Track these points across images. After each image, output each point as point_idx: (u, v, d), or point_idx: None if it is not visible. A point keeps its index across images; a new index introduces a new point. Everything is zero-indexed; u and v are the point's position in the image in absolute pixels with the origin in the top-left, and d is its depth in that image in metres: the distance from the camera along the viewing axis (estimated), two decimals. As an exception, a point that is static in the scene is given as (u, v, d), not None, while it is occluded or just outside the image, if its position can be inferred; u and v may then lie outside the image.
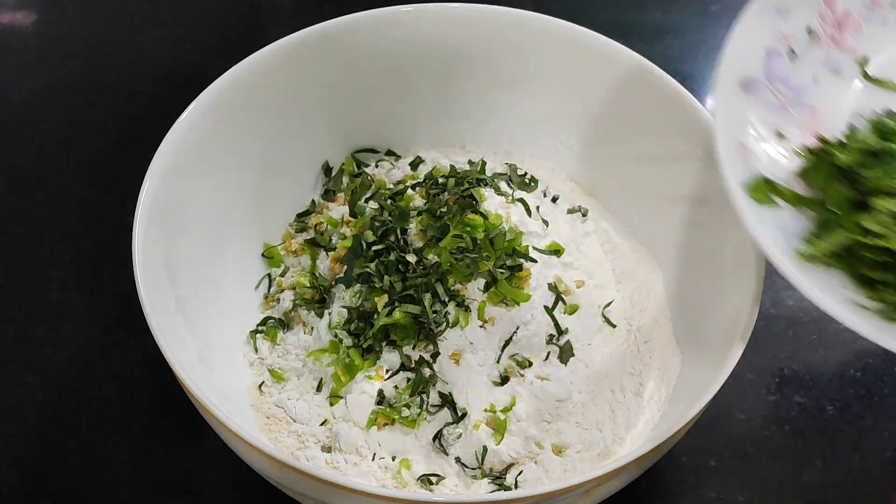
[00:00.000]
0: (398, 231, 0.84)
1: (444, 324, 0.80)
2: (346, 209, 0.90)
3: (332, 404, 0.80)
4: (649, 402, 0.81)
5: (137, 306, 0.71)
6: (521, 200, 0.86)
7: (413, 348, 0.80)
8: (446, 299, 0.80)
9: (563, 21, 0.89)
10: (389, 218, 0.85)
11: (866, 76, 0.76)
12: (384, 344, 0.80)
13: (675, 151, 0.86)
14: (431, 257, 0.82)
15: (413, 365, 0.80)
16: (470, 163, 0.92)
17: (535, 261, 0.83)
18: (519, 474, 0.76)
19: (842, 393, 0.89)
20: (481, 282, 0.81)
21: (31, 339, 0.91)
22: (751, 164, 0.72)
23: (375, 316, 0.80)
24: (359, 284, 0.82)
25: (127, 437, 0.85)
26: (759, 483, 0.84)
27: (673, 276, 0.87)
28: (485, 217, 0.83)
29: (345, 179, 0.94)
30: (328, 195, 0.93)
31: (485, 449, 0.77)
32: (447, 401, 0.79)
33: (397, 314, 0.79)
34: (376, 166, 0.95)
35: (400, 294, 0.80)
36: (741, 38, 0.76)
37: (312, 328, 0.84)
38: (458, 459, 0.77)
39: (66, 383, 0.88)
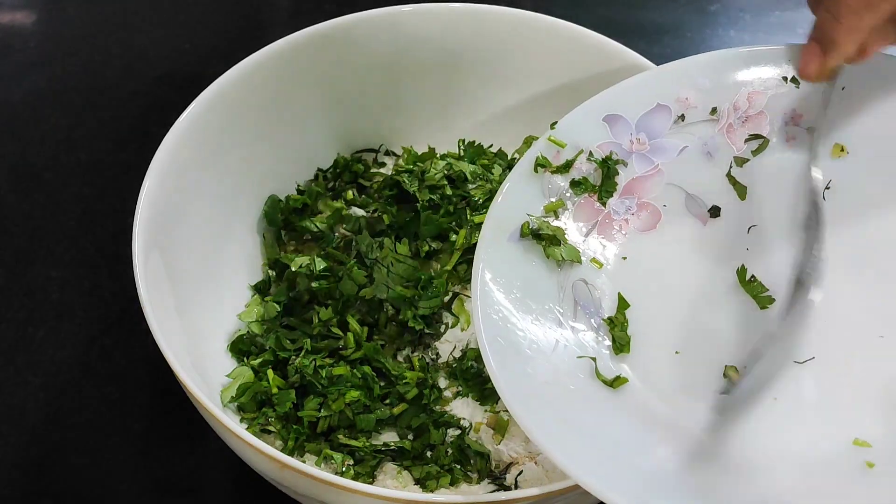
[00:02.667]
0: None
1: (444, 326, 0.81)
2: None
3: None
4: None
5: (137, 306, 0.71)
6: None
7: (413, 352, 0.81)
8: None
9: (563, 21, 0.89)
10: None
11: (729, 173, 0.77)
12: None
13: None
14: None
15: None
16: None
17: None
18: (519, 474, 0.76)
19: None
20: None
21: (32, 340, 0.91)
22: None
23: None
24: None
25: (127, 437, 0.85)
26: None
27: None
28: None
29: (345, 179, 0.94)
30: (327, 195, 0.93)
31: (486, 449, 0.77)
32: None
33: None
34: (376, 165, 0.95)
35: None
36: (648, 80, 0.79)
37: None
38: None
39: (67, 383, 0.88)
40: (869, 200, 0.74)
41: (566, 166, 0.76)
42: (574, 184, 0.76)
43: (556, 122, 0.78)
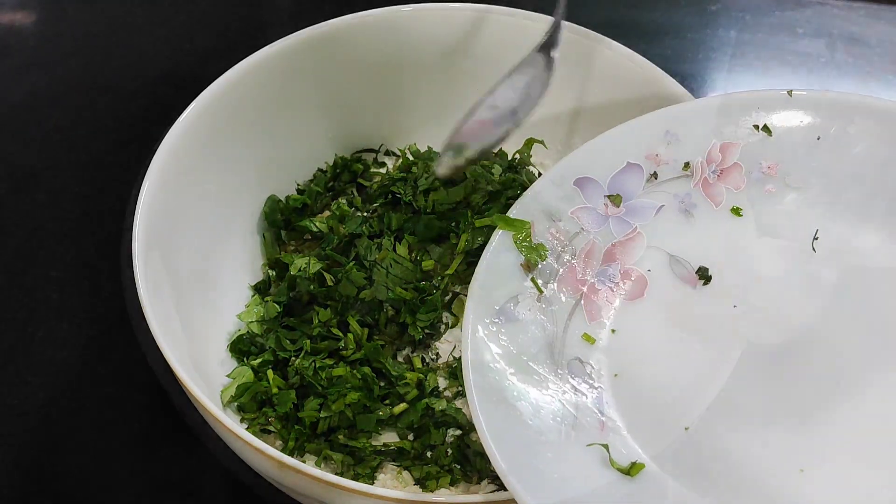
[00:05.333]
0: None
1: (444, 326, 0.81)
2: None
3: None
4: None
5: (137, 306, 0.71)
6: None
7: (413, 352, 0.81)
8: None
9: (563, 21, 0.89)
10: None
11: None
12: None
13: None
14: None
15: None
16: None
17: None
18: (519, 474, 0.76)
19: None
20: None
21: (32, 340, 0.91)
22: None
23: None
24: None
25: (127, 437, 0.85)
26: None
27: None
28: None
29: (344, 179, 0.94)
30: (327, 196, 0.93)
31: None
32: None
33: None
34: (376, 164, 0.95)
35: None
36: (615, 138, 0.76)
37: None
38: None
39: (67, 384, 0.88)
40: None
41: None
42: (556, 254, 0.73)
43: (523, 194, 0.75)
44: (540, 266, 0.72)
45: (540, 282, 0.72)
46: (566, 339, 0.71)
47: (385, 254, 0.80)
